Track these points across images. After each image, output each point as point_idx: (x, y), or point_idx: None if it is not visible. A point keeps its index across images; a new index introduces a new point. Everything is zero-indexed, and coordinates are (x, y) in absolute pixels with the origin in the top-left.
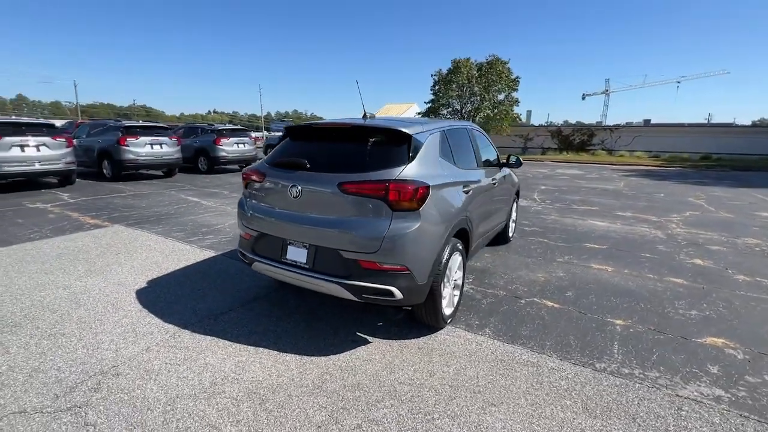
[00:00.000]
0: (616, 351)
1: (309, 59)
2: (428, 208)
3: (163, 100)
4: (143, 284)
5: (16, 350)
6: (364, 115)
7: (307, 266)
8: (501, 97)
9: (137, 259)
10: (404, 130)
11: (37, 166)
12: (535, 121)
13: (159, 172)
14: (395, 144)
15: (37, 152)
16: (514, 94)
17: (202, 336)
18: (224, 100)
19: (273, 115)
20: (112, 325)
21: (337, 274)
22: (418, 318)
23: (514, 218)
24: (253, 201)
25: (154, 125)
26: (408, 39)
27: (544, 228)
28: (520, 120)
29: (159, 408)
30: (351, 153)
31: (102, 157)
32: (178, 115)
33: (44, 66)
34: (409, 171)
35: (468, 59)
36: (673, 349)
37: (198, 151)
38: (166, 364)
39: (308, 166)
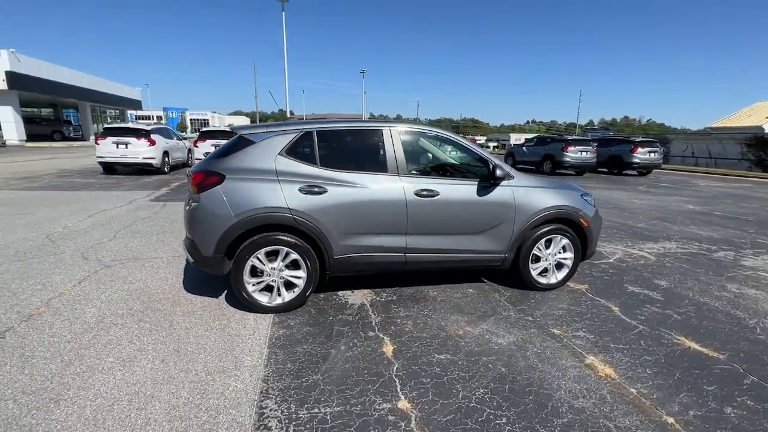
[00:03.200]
0: None
1: (647, 59)
2: (214, 194)
3: (488, 113)
4: None
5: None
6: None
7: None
8: None
9: None
10: (242, 131)
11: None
12: None
13: None
14: (237, 142)
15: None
16: None
17: None
18: (542, 109)
19: (596, 123)
20: None
21: None
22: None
23: (567, 263)
24: None
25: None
26: None
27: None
28: None
29: None
30: (221, 150)
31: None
32: (498, 125)
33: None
34: (222, 163)
35: None
36: None
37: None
38: None
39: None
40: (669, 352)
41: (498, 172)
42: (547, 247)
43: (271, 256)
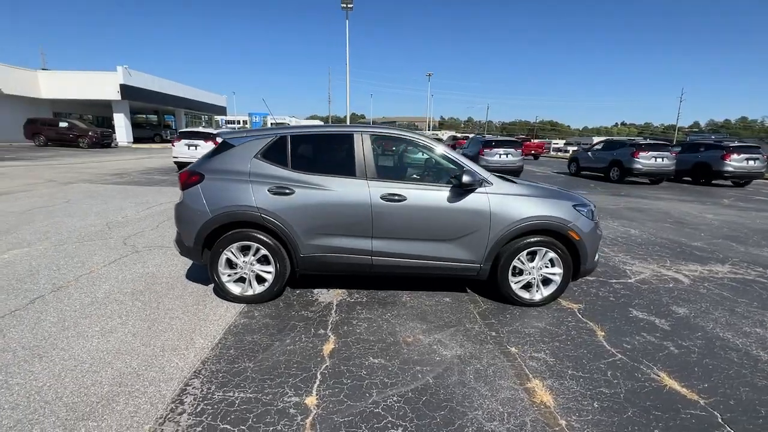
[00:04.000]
0: None
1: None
2: (194, 191)
3: (570, 115)
4: None
5: None
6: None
7: None
8: None
9: None
10: (225, 136)
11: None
12: None
13: None
14: (220, 146)
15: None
16: None
17: None
18: (635, 111)
19: (703, 125)
20: None
21: None
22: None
23: (555, 279)
24: None
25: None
26: None
27: None
28: None
29: None
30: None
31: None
32: (580, 128)
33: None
34: (205, 164)
35: None
36: None
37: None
38: None
39: None
40: (636, 387)
41: (465, 179)
42: (531, 260)
43: (245, 250)
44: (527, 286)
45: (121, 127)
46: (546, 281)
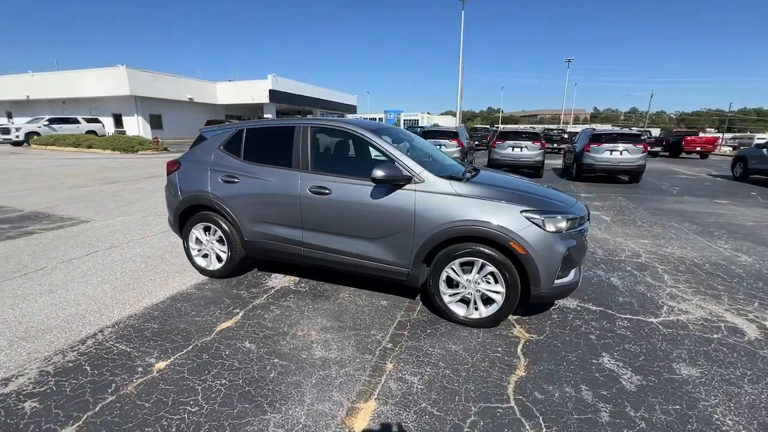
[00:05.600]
0: None
1: None
2: (173, 177)
3: None
4: None
5: None
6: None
7: None
8: None
9: None
10: (203, 131)
11: None
12: None
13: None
14: (198, 139)
15: None
16: None
17: None
18: None
19: None
20: None
21: None
22: None
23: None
24: None
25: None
26: None
27: None
28: None
29: None
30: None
31: None
32: None
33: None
34: (185, 154)
35: None
36: None
37: None
38: None
39: None
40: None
41: (376, 173)
42: (468, 272)
43: (207, 230)
44: (465, 302)
45: None
46: (489, 300)
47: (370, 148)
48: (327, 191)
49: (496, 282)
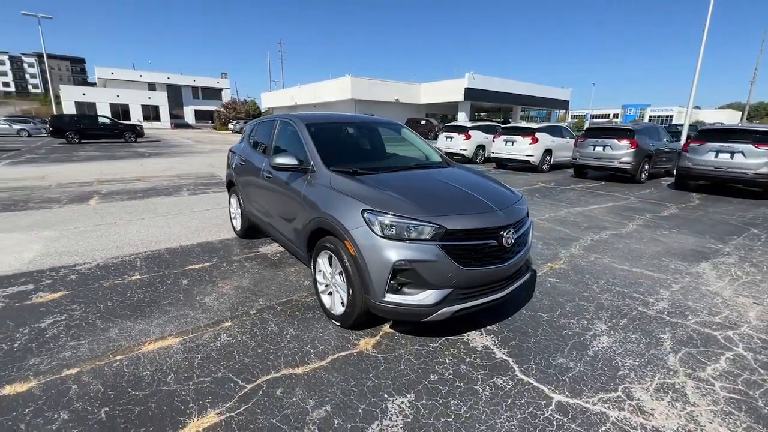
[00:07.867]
0: None
1: None
2: (229, 154)
3: None
4: None
5: None
6: None
7: None
8: None
9: None
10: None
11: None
12: None
13: None
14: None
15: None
16: None
17: None
18: None
19: None
20: None
21: None
22: None
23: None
24: None
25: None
26: None
27: None
28: None
29: None
30: None
31: None
32: None
33: None
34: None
35: None
36: None
37: None
38: None
39: None
40: None
41: (274, 160)
42: (331, 264)
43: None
44: (331, 293)
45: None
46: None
47: (282, 138)
48: (270, 175)
49: (343, 280)
